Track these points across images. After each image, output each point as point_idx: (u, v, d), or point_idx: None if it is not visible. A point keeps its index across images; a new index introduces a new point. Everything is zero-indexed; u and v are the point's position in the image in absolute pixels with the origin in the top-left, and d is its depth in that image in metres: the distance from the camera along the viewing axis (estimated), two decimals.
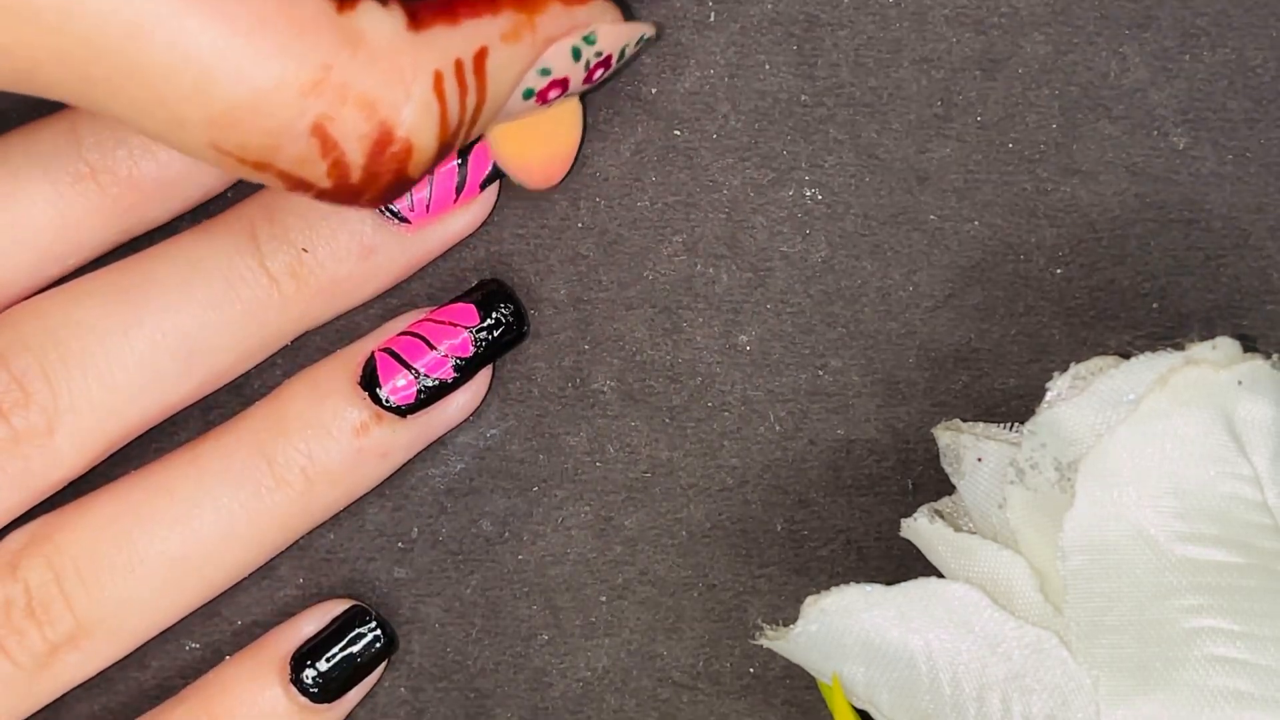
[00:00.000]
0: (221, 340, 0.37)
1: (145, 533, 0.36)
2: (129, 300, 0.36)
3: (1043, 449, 0.33)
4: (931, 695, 0.33)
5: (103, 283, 0.36)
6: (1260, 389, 0.33)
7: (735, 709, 0.39)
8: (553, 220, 0.39)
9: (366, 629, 0.37)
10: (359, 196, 0.32)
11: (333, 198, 0.32)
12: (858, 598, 0.33)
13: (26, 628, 0.35)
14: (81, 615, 0.36)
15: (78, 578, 0.36)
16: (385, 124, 0.31)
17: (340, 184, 0.32)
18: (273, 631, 0.38)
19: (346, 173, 0.31)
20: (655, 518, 0.39)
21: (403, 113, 0.31)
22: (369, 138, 0.31)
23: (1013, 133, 0.39)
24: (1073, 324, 0.39)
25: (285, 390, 0.37)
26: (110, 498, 0.36)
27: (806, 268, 0.39)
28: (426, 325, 0.37)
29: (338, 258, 0.37)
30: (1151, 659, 0.32)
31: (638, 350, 0.39)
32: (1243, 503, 0.32)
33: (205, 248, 0.36)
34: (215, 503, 0.36)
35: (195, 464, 0.36)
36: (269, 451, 0.36)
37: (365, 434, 0.37)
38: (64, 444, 0.36)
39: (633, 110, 0.39)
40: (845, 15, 0.39)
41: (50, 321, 0.36)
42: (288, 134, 0.30)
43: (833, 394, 0.39)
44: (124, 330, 0.36)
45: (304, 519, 0.37)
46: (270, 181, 0.31)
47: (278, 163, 0.31)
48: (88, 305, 0.36)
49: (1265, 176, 0.39)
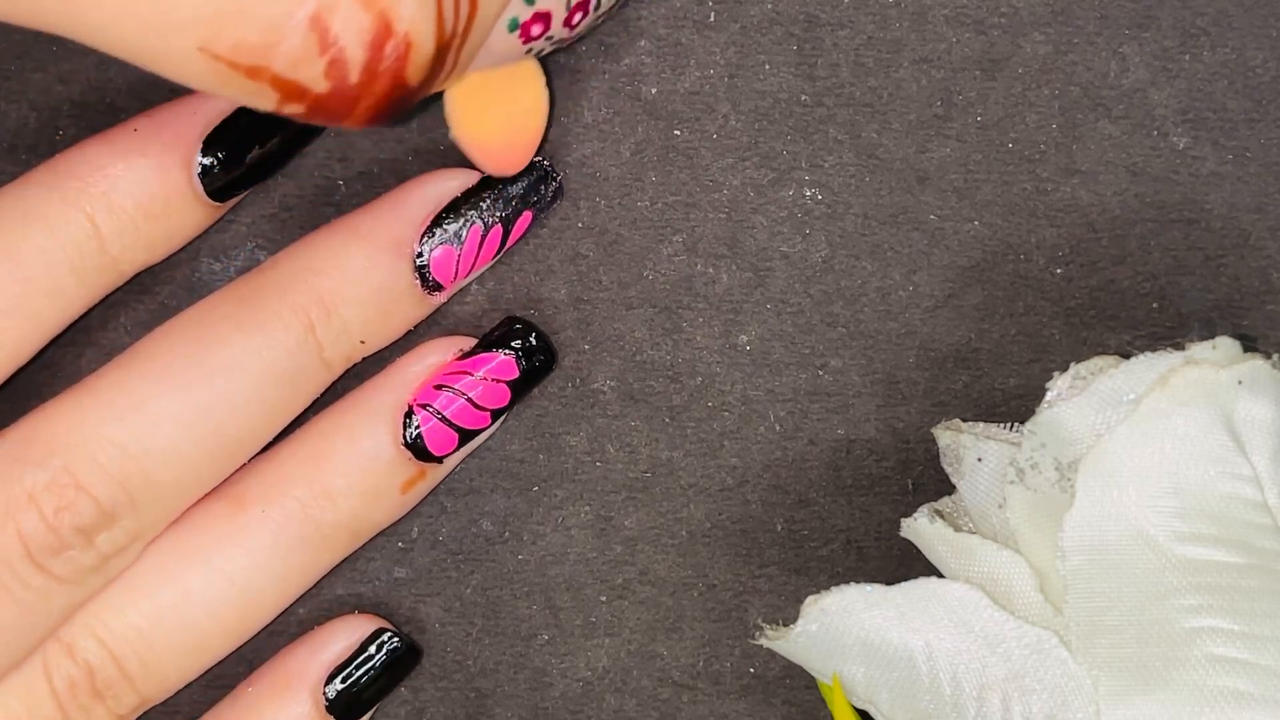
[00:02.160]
0: (282, 424, 0.37)
1: (205, 613, 0.36)
2: (209, 421, 0.35)
3: (1043, 449, 0.33)
4: (931, 695, 0.33)
5: (176, 401, 0.35)
6: (1260, 389, 0.33)
7: (735, 709, 0.39)
8: (553, 220, 0.39)
9: (393, 647, 0.37)
10: (354, 105, 0.31)
11: (326, 108, 0.31)
12: (858, 598, 0.33)
13: (93, 706, 0.36)
14: (143, 691, 0.36)
15: (137, 660, 0.36)
16: (385, 16, 0.30)
17: (337, 87, 0.30)
18: (297, 652, 0.38)
19: (345, 72, 0.30)
20: (655, 518, 0.39)
21: (402, 5, 0.30)
22: (369, 30, 0.30)
23: (1013, 133, 0.39)
24: (1073, 324, 0.39)
25: (325, 446, 0.37)
26: (157, 570, 0.36)
27: (806, 268, 0.39)
28: (464, 378, 0.37)
29: (386, 339, 0.37)
30: (1151, 659, 0.32)
31: (638, 350, 0.39)
32: (1242, 503, 0.32)
33: (270, 349, 0.36)
34: (270, 576, 0.36)
35: (244, 536, 0.36)
36: (318, 519, 0.36)
37: (410, 489, 0.37)
38: (139, 548, 0.36)
39: (633, 110, 0.39)
40: (845, 15, 0.39)
41: (133, 449, 0.35)
42: (285, 26, 0.29)
43: (833, 394, 0.39)
44: (206, 453, 0.35)
45: (342, 559, 0.38)
46: (261, 96, 0.30)
47: (273, 64, 0.29)
48: (168, 432, 0.35)
49: (1265, 176, 0.39)
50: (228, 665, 0.38)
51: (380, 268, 0.36)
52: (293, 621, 0.39)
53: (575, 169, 0.39)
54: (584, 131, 0.39)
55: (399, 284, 0.37)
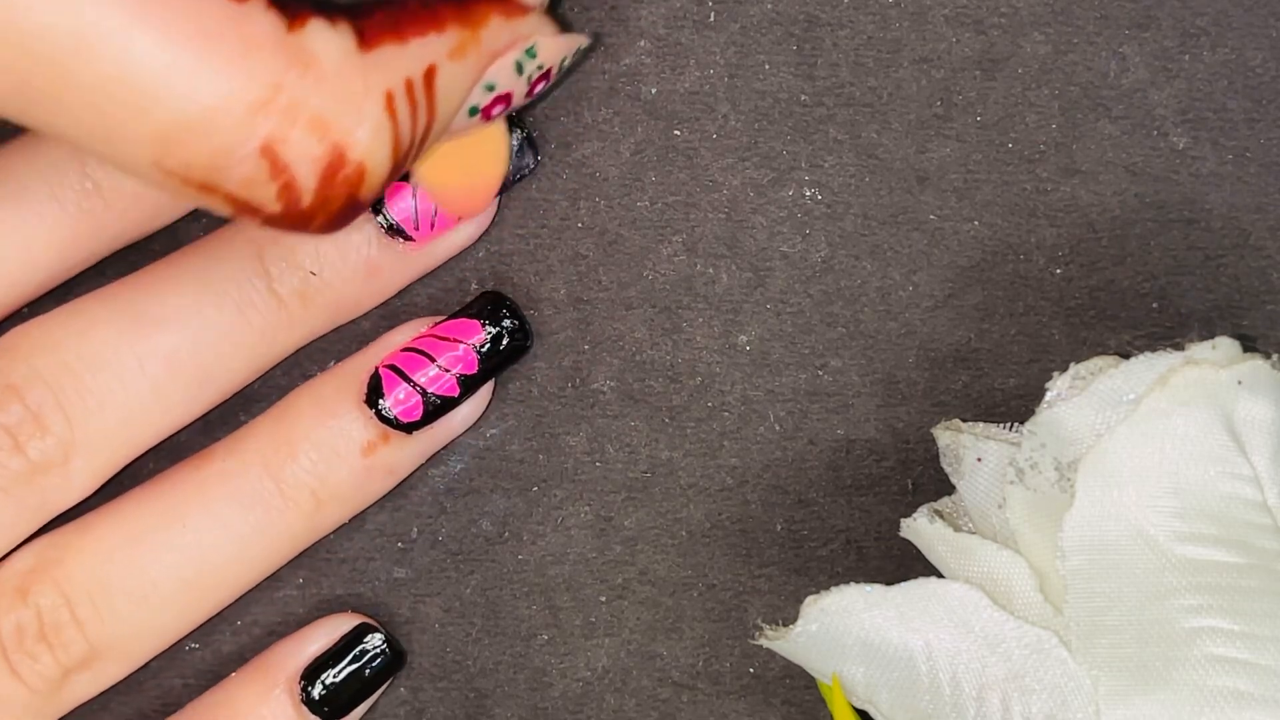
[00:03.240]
0: (233, 363, 0.37)
1: (157, 559, 0.36)
2: (142, 329, 0.36)
3: (1043, 449, 0.33)
4: (931, 695, 0.33)
5: (113, 310, 0.36)
6: (1260, 389, 0.33)
7: (735, 709, 0.39)
8: (553, 220, 0.39)
9: (374, 646, 0.37)
10: (309, 222, 0.31)
11: (281, 223, 0.31)
12: (858, 598, 0.33)
13: (39, 652, 0.36)
14: (94, 640, 0.36)
15: (90, 605, 0.36)
16: (338, 146, 0.30)
17: (290, 208, 0.31)
18: (279, 647, 0.38)
19: (297, 196, 0.31)
20: (655, 518, 0.39)
21: (356, 134, 0.31)
22: (321, 160, 0.30)
23: (1013, 133, 0.39)
24: (1073, 324, 0.39)
25: (290, 408, 0.37)
26: (118, 519, 0.36)
27: (806, 268, 0.39)
28: (431, 341, 0.37)
29: (344, 278, 0.37)
30: (1151, 659, 0.32)
31: (638, 350, 0.39)
32: (1242, 503, 0.32)
33: (214, 271, 0.36)
34: (226, 527, 0.36)
35: (203, 487, 0.36)
36: (277, 473, 0.37)
37: (373, 453, 0.37)
38: (78, 473, 0.36)
39: (633, 110, 0.39)
40: (845, 15, 0.39)
41: (65, 355, 0.35)
42: (236, 154, 0.30)
43: (833, 394, 0.39)
44: (139, 361, 0.36)
45: (312, 536, 0.38)
46: (217, 205, 0.31)
47: (225, 185, 0.30)
48: (102, 336, 0.36)
49: (1265, 176, 0.39)
50: (227, 666, 0.38)
51: None
52: (293, 622, 0.39)
53: (575, 169, 0.39)
54: (584, 131, 0.39)
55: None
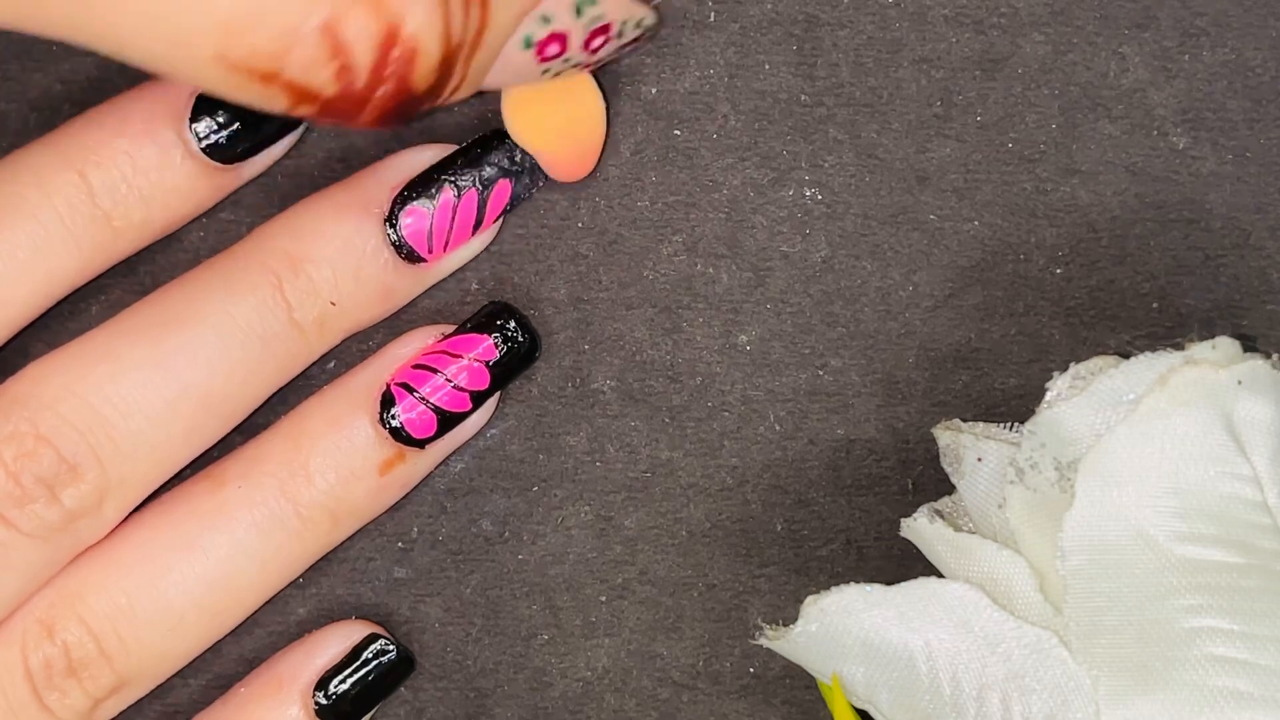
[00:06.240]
0: (256, 391, 0.37)
1: (181, 590, 0.36)
2: (172, 371, 0.36)
3: (1043, 449, 0.33)
4: (931, 695, 0.33)
5: (141, 353, 0.36)
6: (1260, 389, 0.33)
7: (735, 709, 0.39)
8: (553, 220, 0.39)
9: (384, 652, 0.38)
10: (361, 108, 0.32)
11: (335, 109, 0.32)
12: (858, 598, 0.33)
13: (69, 687, 0.36)
14: (122, 671, 0.36)
15: (116, 638, 0.36)
16: (392, 23, 0.31)
17: (345, 90, 0.31)
18: (289, 656, 0.38)
19: (353, 77, 0.31)
20: (655, 518, 0.39)
21: (409, 12, 0.31)
22: (376, 36, 0.31)
23: (1013, 133, 0.39)
24: (1073, 324, 0.39)
25: (304, 427, 0.37)
26: (136, 548, 0.36)
27: (806, 268, 0.39)
28: (441, 356, 0.37)
29: (360, 305, 0.37)
30: (1151, 659, 0.32)
31: (638, 350, 0.39)
32: (1242, 503, 0.32)
33: (238, 305, 0.36)
34: (248, 554, 0.37)
35: (222, 512, 0.36)
36: (295, 497, 0.37)
37: (389, 471, 0.37)
38: (110, 510, 0.36)
39: (633, 110, 0.39)
40: (845, 15, 0.39)
41: (94, 400, 0.35)
42: (298, 34, 0.30)
43: (833, 394, 0.39)
44: (168, 403, 0.36)
45: (327, 549, 0.38)
46: (273, 100, 0.31)
47: (286, 71, 0.30)
48: (132, 380, 0.36)
49: (1265, 176, 0.39)
50: (228, 666, 0.38)
51: (347, 225, 0.37)
52: (293, 622, 0.39)
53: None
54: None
55: (367, 243, 0.37)
